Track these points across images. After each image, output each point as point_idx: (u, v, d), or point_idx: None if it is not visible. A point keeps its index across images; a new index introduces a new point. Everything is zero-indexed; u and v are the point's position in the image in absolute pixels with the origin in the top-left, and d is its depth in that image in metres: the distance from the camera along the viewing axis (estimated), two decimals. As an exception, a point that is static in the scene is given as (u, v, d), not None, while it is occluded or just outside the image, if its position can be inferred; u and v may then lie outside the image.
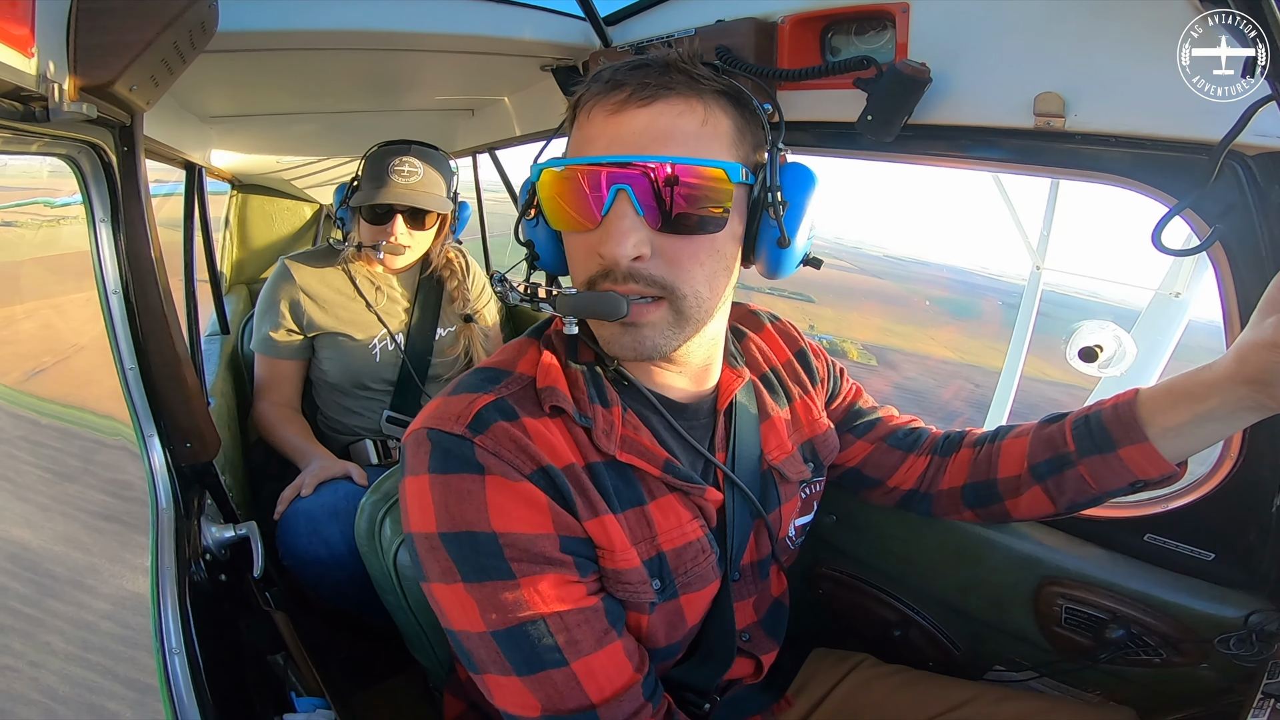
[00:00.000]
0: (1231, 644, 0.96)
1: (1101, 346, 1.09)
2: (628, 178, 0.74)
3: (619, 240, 0.75)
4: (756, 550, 0.99)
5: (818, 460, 1.06)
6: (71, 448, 1.40)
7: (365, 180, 1.86)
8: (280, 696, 1.23)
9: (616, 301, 0.76)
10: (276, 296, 1.92)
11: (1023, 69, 0.97)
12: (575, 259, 0.84)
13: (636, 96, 0.76)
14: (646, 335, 0.79)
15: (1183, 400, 0.88)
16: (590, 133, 0.79)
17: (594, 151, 0.78)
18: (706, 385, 0.94)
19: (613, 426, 0.84)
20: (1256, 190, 0.86)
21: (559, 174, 0.79)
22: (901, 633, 1.34)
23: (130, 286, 1.21)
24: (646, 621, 0.85)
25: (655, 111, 0.76)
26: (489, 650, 0.76)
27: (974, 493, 1.08)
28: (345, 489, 1.65)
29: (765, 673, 1.09)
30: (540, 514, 0.76)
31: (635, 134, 0.76)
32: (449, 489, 0.75)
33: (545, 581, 0.75)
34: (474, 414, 0.78)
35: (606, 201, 0.76)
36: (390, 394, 2.00)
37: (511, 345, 0.92)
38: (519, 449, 0.77)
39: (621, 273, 0.77)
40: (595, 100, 0.79)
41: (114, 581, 1.13)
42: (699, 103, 0.77)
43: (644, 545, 0.84)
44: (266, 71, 1.65)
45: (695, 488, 0.88)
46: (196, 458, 1.31)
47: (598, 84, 0.79)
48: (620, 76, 0.78)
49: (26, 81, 0.78)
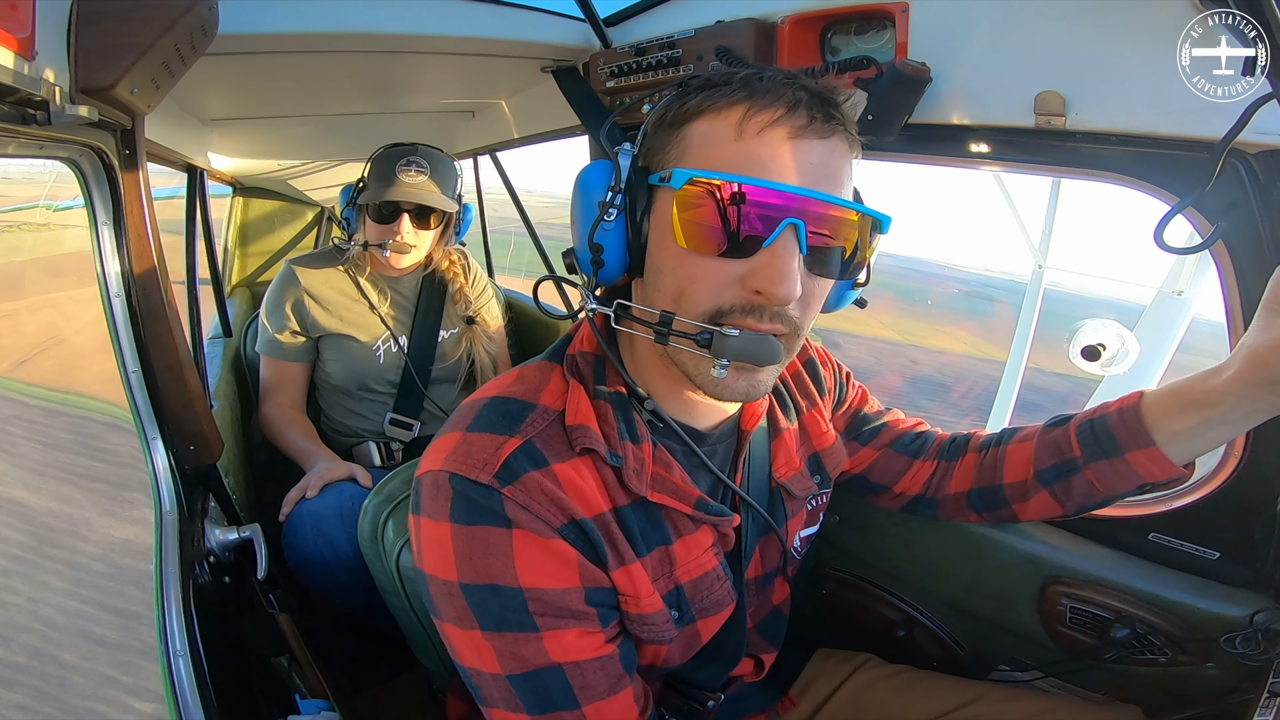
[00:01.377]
0: (1237, 643, 0.96)
1: (1104, 345, 1.09)
2: (802, 212, 0.69)
3: (786, 279, 0.69)
4: (763, 565, 0.98)
5: (824, 473, 1.05)
6: (59, 424, 1.52)
7: (372, 180, 1.88)
8: (284, 698, 1.23)
9: (777, 348, 0.72)
10: (281, 299, 1.94)
11: (1023, 68, 0.97)
12: (698, 285, 0.73)
13: (819, 127, 0.70)
14: (763, 380, 0.75)
15: (1190, 406, 0.86)
16: (759, 151, 0.70)
17: (768, 174, 0.69)
18: (732, 409, 0.91)
19: (644, 465, 0.80)
20: (1258, 188, 0.86)
21: (716, 187, 0.70)
22: (906, 632, 1.34)
23: (133, 289, 1.21)
24: (665, 650, 0.85)
25: (829, 147, 0.71)
26: (501, 690, 0.74)
27: (980, 498, 1.08)
28: (350, 490, 1.66)
29: (766, 671, 1.09)
30: (569, 569, 0.74)
31: (812, 167, 0.70)
32: (474, 541, 0.71)
33: (568, 635, 0.73)
34: (502, 461, 0.73)
35: (774, 233, 0.69)
36: (394, 396, 2.00)
37: (531, 370, 0.85)
38: (550, 501, 0.73)
39: (771, 312, 0.71)
40: (770, 116, 0.70)
41: (104, 530, 1.19)
42: (847, 146, 0.74)
43: (663, 581, 0.82)
44: (267, 74, 1.65)
45: (724, 520, 0.86)
46: (200, 460, 1.31)
47: (767, 97, 0.70)
48: (798, 95, 0.71)
49: (28, 85, 0.78)
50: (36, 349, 1.71)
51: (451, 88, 2.11)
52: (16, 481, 1.31)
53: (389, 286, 2.01)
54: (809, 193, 0.69)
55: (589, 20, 1.51)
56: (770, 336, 0.72)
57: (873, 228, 0.76)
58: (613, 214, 0.76)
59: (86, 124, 0.98)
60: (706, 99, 0.73)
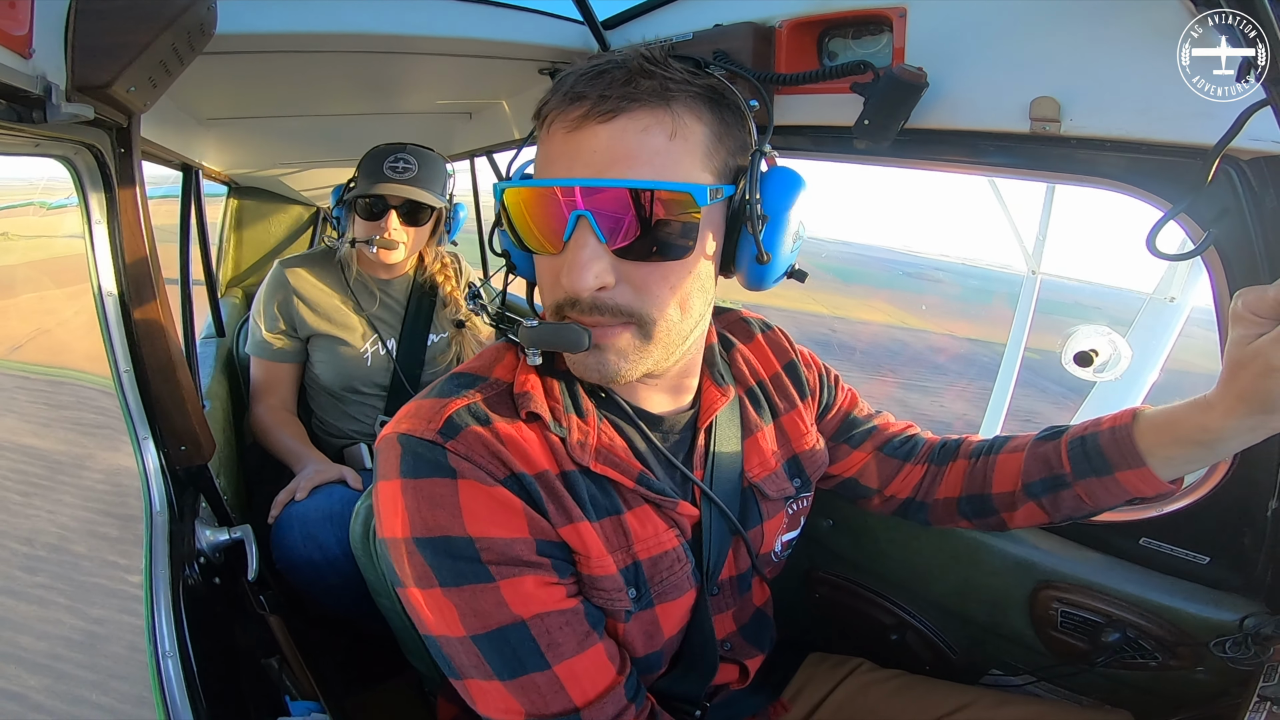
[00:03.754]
0: (1227, 647, 0.96)
1: (1097, 351, 1.09)
2: (588, 204, 0.70)
3: (580, 272, 0.71)
4: (735, 565, 0.98)
5: (804, 476, 1.04)
6: (61, 390, 1.90)
7: (361, 177, 1.90)
8: (274, 700, 1.22)
9: (578, 335, 0.74)
10: (271, 299, 1.94)
11: (1018, 74, 0.98)
12: (543, 282, 0.80)
13: (596, 112, 0.70)
14: (610, 360, 0.77)
15: (1185, 440, 0.85)
16: (551, 151, 0.74)
17: (554, 172, 0.73)
18: (684, 398, 0.92)
19: (587, 437, 0.82)
20: (1251, 195, 0.86)
21: (521, 194, 0.74)
22: (898, 636, 1.34)
23: (126, 289, 1.21)
24: (623, 630, 0.84)
25: (617, 128, 0.70)
26: (470, 655, 0.74)
27: (970, 504, 1.08)
28: (340, 493, 1.65)
29: (752, 677, 1.08)
30: (515, 517, 0.75)
31: (596, 154, 0.71)
32: (421, 494, 0.73)
33: (524, 584, 0.74)
34: (445, 418, 0.76)
35: (567, 228, 0.72)
36: (384, 398, 2.00)
37: (489, 350, 0.90)
38: (491, 454, 0.75)
39: (586, 304, 0.74)
40: (555, 114, 0.73)
41: (107, 460, 1.40)
42: (667, 114, 0.71)
43: (620, 554, 0.82)
44: (264, 74, 1.65)
45: (668, 501, 0.86)
46: (191, 461, 1.30)
47: (557, 94, 0.73)
48: (580, 87, 0.71)
49: (24, 82, 0.78)
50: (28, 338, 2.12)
51: (449, 89, 2.11)
52: (28, 431, 1.70)
53: (379, 289, 2.02)
54: (575, 182, 0.70)
55: (587, 23, 1.51)
56: (572, 326, 0.75)
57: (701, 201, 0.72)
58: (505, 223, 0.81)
59: (82, 122, 0.98)
60: (540, 109, 0.77)
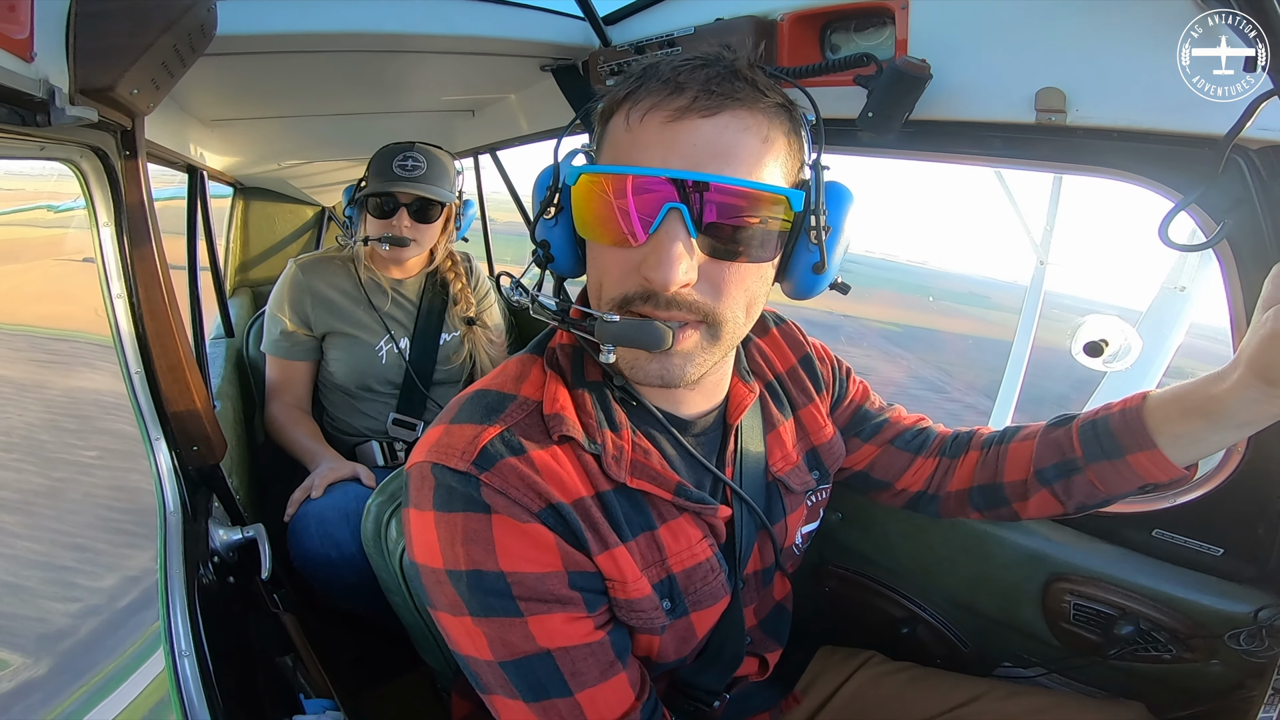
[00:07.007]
0: (1241, 639, 0.96)
1: (1107, 341, 1.08)
2: (685, 196, 0.68)
3: (670, 265, 0.68)
4: (760, 560, 0.98)
5: (823, 468, 1.05)
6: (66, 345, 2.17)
7: (372, 176, 1.92)
8: (289, 698, 1.23)
9: (660, 333, 0.71)
10: (286, 298, 1.96)
11: (1023, 64, 0.97)
12: (608, 274, 0.76)
13: (701, 105, 0.69)
14: (677, 363, 0.75)
15: (1194, 412, 0.85)
16: (643, 138, 0.71)
17: (648, 161, 0.70)
18: (717, 399, 0.91)
19: (622, 452, 0.81)
20: (1261, 185, 0.85)
21: (601, 180, 0.71)
22: (909, 629, 1.34)
23: (134, 290, 1.22)
24: (658, 642, 0.85)
25: (720, 124, 0.69)
26: (496, 676, 0.75)
27: (981, 495, 1.07)
28: (355, 490, 1.67)
29: (771, 670, 1.09)
30: (548, 553, 0.74)
31: (696, 147, 0.69)
32: (455, 528, 0.73)
33: (553, 620, 0.74)
34: (480, 449, 0.74)
35: (657, 219, 0.69)
36: (396, 396, 2.02)
37: (513, 364, 0.87)
38: (526, 486, 0.74)
39: (665, 299, 0.71)
40: (651, 102, 0.71)
41: (122, 412, 1.38)
42: (763, 118, 0.71)
43: (654, 569, 0.82)
44: (267, 74, 1.65)
45: (708, 508, 0.86)
46: (203, 460, 1.31)
47: (654, 82, 0.71)
48: (683, 78, 0.70)
49: (27, 86, 0.78)
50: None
51: (451, 86, 2.11)
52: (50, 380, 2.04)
53: (392, 288, 2.03)
54: (686, 174, 0.68)
55: (588, 19, 1.50)
56: (654, 323, 0.72)
57: (802, 206, 0.73)
58: (551, 212, 0.80)
59: (86, 125, 0.98)
60: (617, 92, 0.75)
